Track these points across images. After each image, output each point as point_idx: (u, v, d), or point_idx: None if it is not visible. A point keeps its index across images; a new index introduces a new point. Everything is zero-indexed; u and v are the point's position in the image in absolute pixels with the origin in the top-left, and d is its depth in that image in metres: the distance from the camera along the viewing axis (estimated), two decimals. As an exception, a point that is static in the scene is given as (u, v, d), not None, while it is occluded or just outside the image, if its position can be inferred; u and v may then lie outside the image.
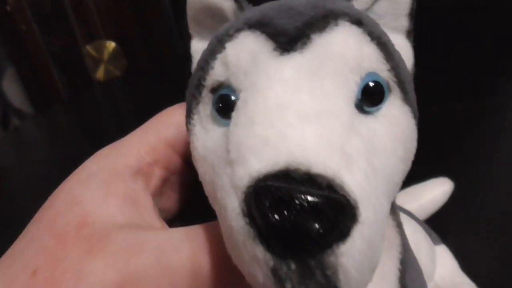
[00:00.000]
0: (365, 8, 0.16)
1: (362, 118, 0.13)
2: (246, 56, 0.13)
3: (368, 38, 0.13)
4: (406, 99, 0.14)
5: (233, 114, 0.13)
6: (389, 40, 0.14)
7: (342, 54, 0.13)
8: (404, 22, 0.17)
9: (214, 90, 0.14)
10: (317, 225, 0.10)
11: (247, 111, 0.12)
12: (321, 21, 0.13)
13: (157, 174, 0.19)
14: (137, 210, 0.17)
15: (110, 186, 0.17)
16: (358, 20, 0.14)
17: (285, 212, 0.10)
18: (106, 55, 1.09)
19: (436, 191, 0.36)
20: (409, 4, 0.16)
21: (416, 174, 0.18)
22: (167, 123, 0.19)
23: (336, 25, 0.13)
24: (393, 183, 0.13)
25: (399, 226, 0.18)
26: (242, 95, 0.13)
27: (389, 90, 0.14)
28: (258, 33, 0.14)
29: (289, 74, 0.12)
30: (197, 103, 0.15)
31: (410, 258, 0.18)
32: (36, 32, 1.04)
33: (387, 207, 0.12)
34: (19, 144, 0.76)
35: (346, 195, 0.10)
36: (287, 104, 0.12)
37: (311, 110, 0.11)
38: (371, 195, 0.11)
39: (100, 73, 1.11)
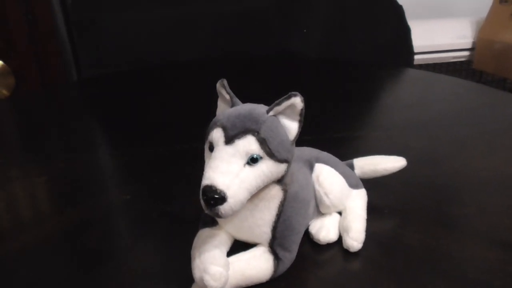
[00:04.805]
0: (277, 113, 0.36)
1: (248, 167, 0.34)
2: (217, 136, 0.35)
3: (256, 141, 0.35)
4: (272, 157, 0.35)
5: (212, 154, 0.35)
6: (268, 139, 0.35)
7: (242, 149, 0.34)
8: (297, 117, 0.37)
9: (210, 142, 0.36)
10: (212, 201, 0.32)
11: (210, 160, 0.35)
12: (239, 133, 0.35)
13: None
14: None
15: None
16: (256, 132, 0.35)
17: (205, 197, 0.33)
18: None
19: (389, 164, 0.49)
20: (300, 111, 0.36)
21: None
22: None
23: (245, 136, 0.35)
24: (251, 188, 0.35)
25: (285, 188, 0.39)
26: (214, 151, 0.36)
27: (261, 157, 0.35)
28: (221, 129, 0.35)
29: (224, 153, 0.34)
30: (206, 141, 0.37)
31: (291, 201, 0.39)
32: None
33: (246, 196, 0.34)
34: None
35: (221, 192, 0.33)
36: (216, 166, 0.34)
37: (224, 169, 0.34)
38: (235, 192, 0.33)
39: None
